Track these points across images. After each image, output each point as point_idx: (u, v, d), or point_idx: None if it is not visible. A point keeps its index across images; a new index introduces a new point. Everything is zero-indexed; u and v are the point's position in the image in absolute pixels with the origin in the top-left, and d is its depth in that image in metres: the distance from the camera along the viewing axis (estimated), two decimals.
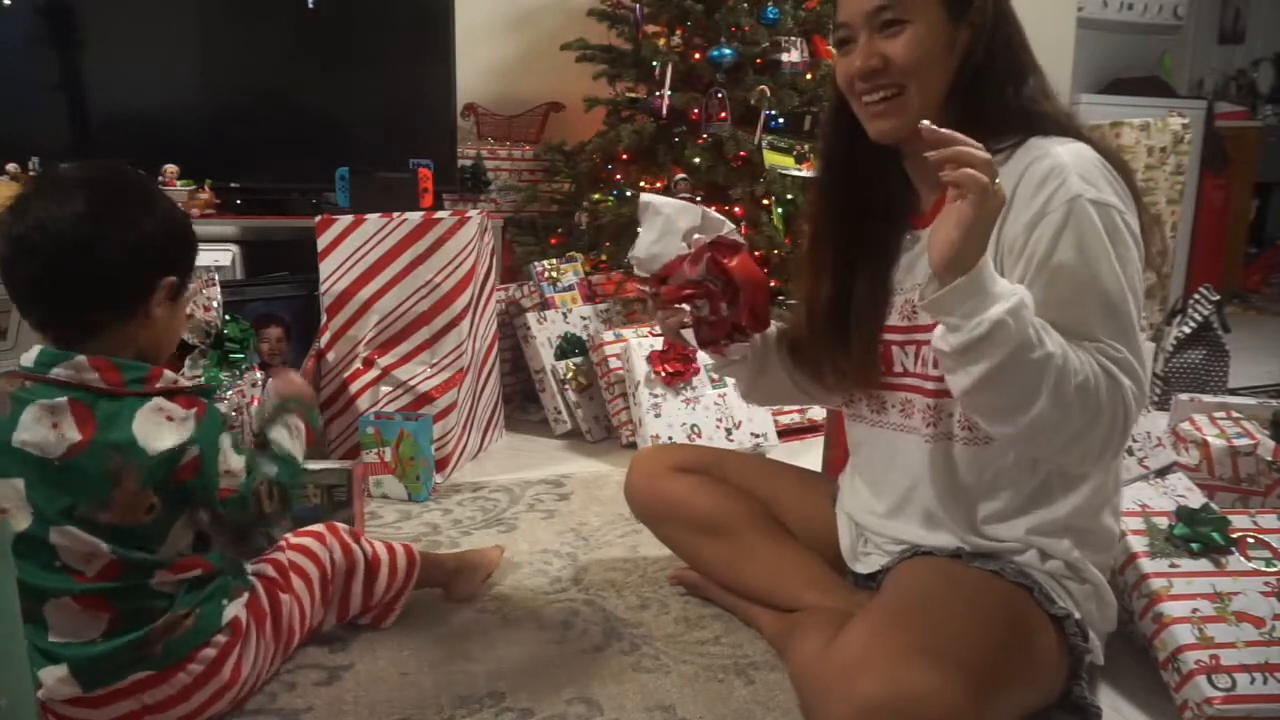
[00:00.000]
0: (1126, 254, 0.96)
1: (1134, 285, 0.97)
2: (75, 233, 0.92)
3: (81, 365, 0.91)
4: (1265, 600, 1.12)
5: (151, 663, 0.96)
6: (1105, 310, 0.95)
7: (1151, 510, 1.24)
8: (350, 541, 1.23)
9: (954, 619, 0.97)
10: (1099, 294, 0.95)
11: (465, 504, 1.81)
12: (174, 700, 0.98)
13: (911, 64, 1.01)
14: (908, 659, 0.90)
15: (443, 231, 1.91)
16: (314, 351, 1.99)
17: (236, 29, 2.54)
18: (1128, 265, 0.96)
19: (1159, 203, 3.19)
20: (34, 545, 0.91)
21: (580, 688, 1.14)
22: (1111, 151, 1.02)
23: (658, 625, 1.30)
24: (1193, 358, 2.62)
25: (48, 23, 2.36)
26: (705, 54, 2.51)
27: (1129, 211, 0.98)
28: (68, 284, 0.93)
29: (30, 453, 0.90)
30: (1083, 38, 4.23)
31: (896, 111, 1.04)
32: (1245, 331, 3.46)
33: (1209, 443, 1.56)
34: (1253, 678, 1.05)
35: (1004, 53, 1.04)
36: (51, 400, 0.90)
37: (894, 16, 1.01)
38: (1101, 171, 0.97)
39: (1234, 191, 4.61)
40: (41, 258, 0.92)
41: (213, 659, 1.00)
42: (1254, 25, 5.06)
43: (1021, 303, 0.89)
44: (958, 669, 0.90)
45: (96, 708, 0.96)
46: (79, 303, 0.94)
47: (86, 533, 0.91)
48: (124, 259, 0.94)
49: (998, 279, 0.90)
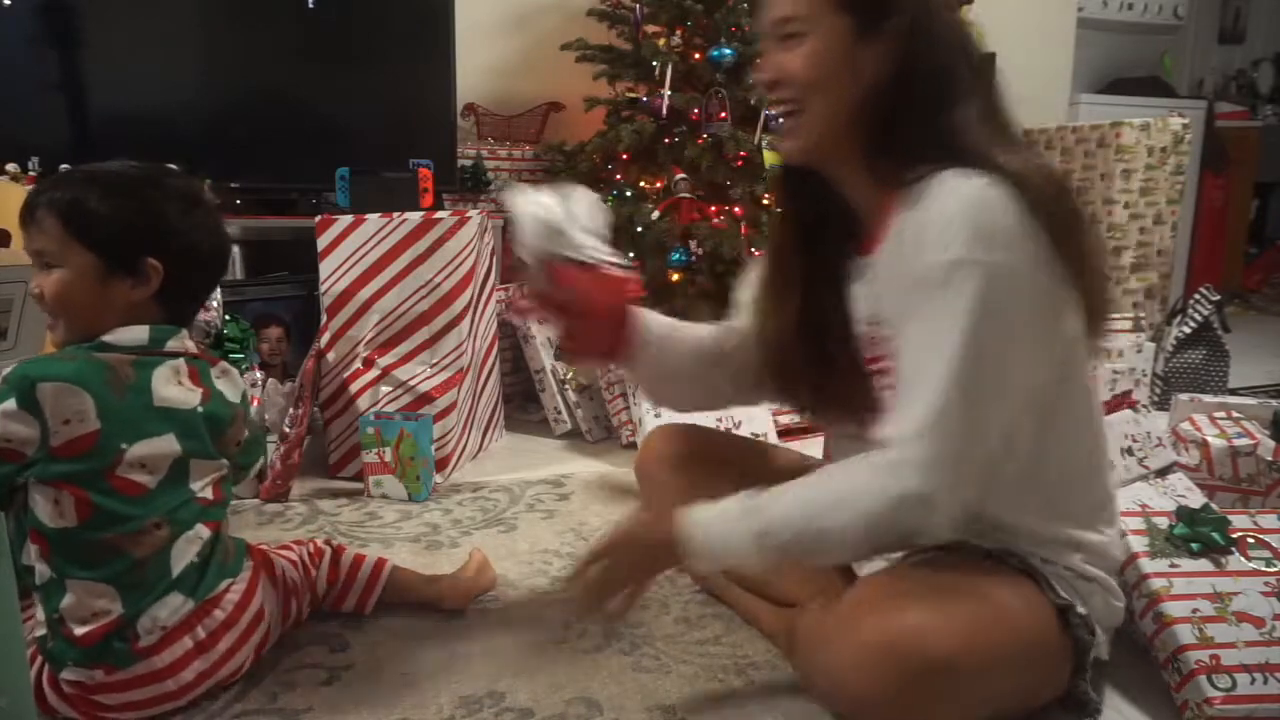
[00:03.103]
0: (999, 322, 0.88)
1: (999, 355, 0.88)
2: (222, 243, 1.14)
3: (184, 337, 1.08)
4: (1265, 600, 1.12)
5: (230, 570, 1.11)
6: (935, 386, 0.88)
7: (1152, 510, 1.24)
8: (319, 543, 1.32)
9: (956, 575, 0.97)
10: (937, 368, 0.88)
11: (465, 504, 1.81)
12: (228, 623, 1.08)
13: (807, 79, 0.95)
14: (907, 603, 0.91)
15: (443, 231, 1.91)
16: (314, 351, 1.98)
17: (237, 29, 2.53)
18: (997, 336, 0.88)
19: (1159, 203, 3.19)
20: (176, 487, 1.05)
21: (580, 688, 1.14)
22: (1044, 188, 0.90)
23: (658, 625, 1.30)
24: (1193, 358, 2.62)
25: (48, 23, 2.36)
26: (705, 54, 2.51)
27: (1029, 266, 0.88)
28: (203, 284, 1.14)
29: (174, 407, 1.04)
30: (1083, 38, 4.23)
31: (797, 131, 0.99)
32: (1245, 331, 3.47)
33: (1209, 443, 1.56)
34: (1253, 678, 1.05)
35: (924, 78, 0.94)
36: (174, 364, 1.06)
37: (794, 30, 0.96)
38: (1002, 222, 0.87)
39: (1234, 191, 4.61)
40: (224, 260, 1.15)
41: (249, 578, 1.14)
42: (1254, 25, 5.06)
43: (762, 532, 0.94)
44: (958, 614, 0.90)
45: (160, 650, 1.03)
46: (198, 297, 1.14)
47: (214, 458, 1.10)
48: (221, 261, 1.15)
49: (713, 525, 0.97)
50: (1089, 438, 1.05)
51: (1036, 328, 0.91)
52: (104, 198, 1.03)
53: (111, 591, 1.00)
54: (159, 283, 1.05)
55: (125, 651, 1.01)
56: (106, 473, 0.99)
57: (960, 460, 0.89)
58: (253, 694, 1.11)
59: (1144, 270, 3.23)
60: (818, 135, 0.97)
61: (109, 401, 0.99)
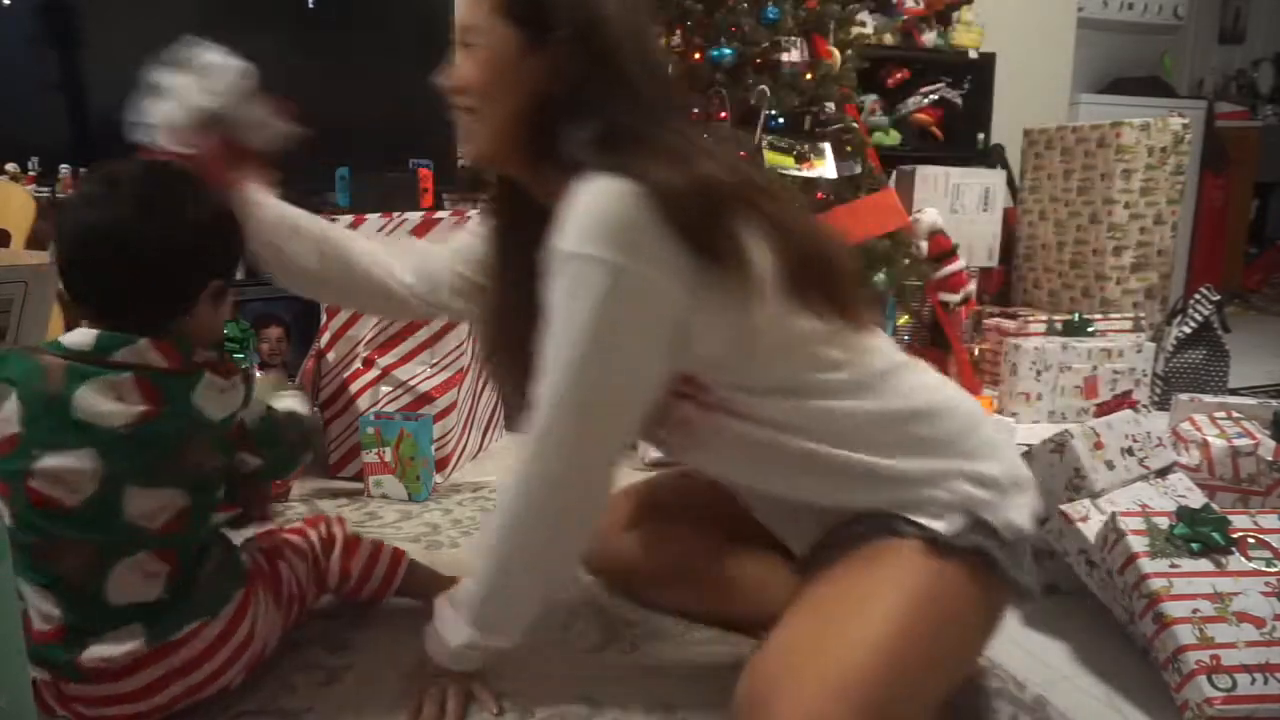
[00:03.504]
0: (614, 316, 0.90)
1: (616, 347, 0.91)
2: (132, 237, 0.98)
3: (145, 349, 0.97)
4: (1266, 600, 1.12)
5: (204, 609, 1.03)
6: (551, 378, 0.93)
7: (1152, 510, 1.24)
8: (334, 527, 1.29)
9: (845, 612, 0.94)
10: (553, 360, 0.93)
11: (465, 504, 1.81)
12: (199, 659, 1.02)
13: (477, 85, 0.99)
14: (808, 679, 0.88)
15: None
16: (314, 351, 1.98)
17: (236, 29, 2.53)
18: (612, 329, 0.90)
19: (1159, 203, 3.19)
20: (102, 511, 0.97)
21: (580, 688, 1.14)
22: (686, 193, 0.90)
23: (658, 625, 1.30)
24: (1193, 358, 2.63)
25: (48, 23, 2.36)
26: (705, 54, 2.51)
27: (636, 262, 0.88)
28: (124, 286, 1.00)
29: (96, 424, 0.95)
30: (1083, 38, 4.23)
31: (471, 135, 1.03)
32: (1245, 331, 3.47)
33: (1209, 443, 1.56)
34: (1253, 678, 1.05)
35: (585, 87, 0.95)
36: (116, 377, 0.96)
37: (471, 39, 1.00)
38: (614, 218, 0.88)
39: (1234, 191, 4.61)
40: (102, 262, 0.99)
41: (232, 614, 1.06)
42: (1254, 25, 5.06)
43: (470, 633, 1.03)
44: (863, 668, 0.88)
45: (126, 676, 0.99)
46: (133, 302, 1.01)
47: (160, 487, 0.99)
48: (177, 263, 1.01)
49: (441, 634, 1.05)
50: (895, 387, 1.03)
51: (657, 323, 0.93)
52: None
53: (52, 598, 0.98)
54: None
55: (72, 667, 0.97)
56: (24, 478, 0.96)
57: (579, 440, 0.95)
58: (252, 695, 1.11)
59: (1144, 270, 3.23)
60: (490, 139, 1.01)
61: (34, 407, 0.95)
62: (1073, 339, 2.49)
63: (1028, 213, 3.53)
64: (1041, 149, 3.46)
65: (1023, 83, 3.89)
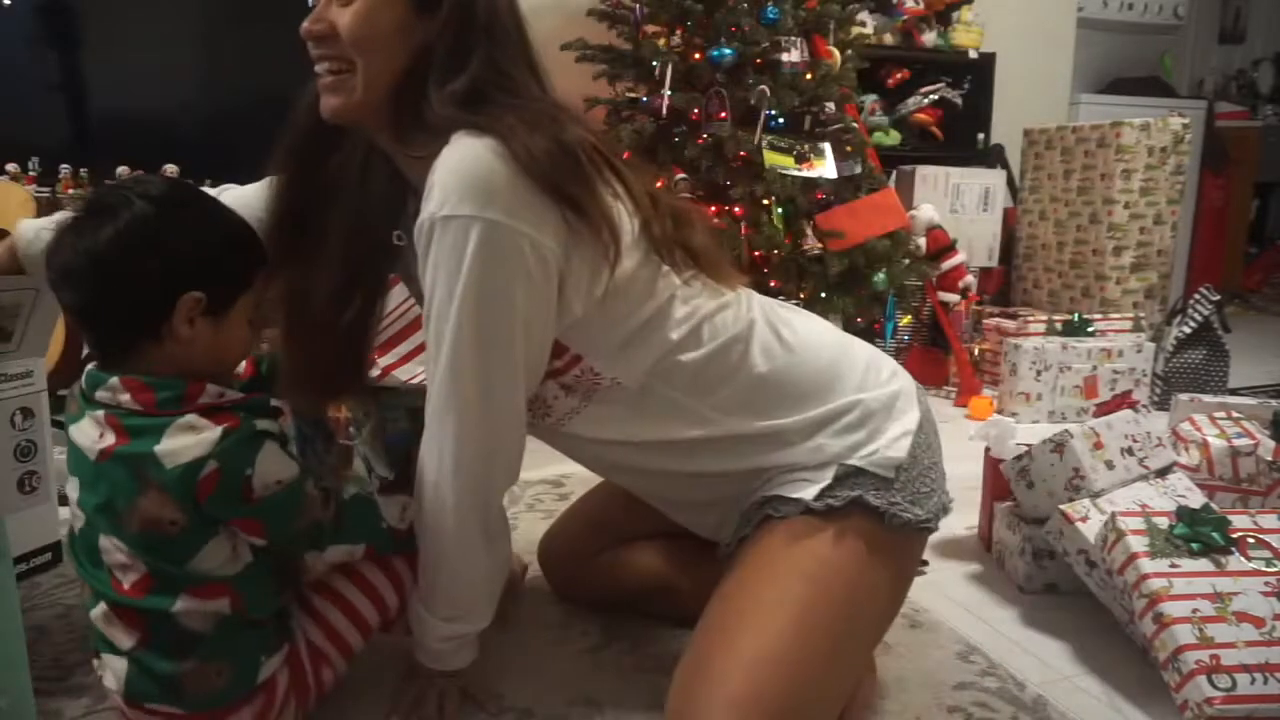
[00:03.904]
0: (495, 274, 0.89)
1: (500, 302, 0.90)
2: (80, 259, 0.91)
3: (115, 388, 0.90)
4: (1265, 600, 1.12)
5: (182, 703, 0.93)
6: (443, 342, 0.91)
7: (1152, 510, 1.24)
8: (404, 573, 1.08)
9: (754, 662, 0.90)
10: (439, 324, 0.91)
11: None
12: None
13: (356, 38, 0.94)
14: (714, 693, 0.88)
15: None
16: None
17: (236, 29, 2.54)
18: (495, 288, 0.89)
19: (1159, 203, 3.20)
20: (88, 545, 0.93)
21: (580, 688, 1.14)
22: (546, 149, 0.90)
23: (658, 625, 1.30)
24: (1193, 358, 2.63)
25: (48, 23, 2.36)
26: (705, 54, 2.51)
27: (508, 217, 0.88)
28: (89, 310, 0.93)
29: (81, 452, 0.92)
30: (1083, 38, 4.24)
31: (342, 90, 0.96)
32: (1245, 331, 3.47)
33: (1209, 443, 1.56)
34: (1253, 678, 1.05)
35: (462, 46, 0.94)
36: (96, 412, 0.91)
37: None
38: (484, 176, 0.88)
39: (1234, 191, 4.62)
40: (68, 286, 0.93)
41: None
42: (1254, 25, 5.07)
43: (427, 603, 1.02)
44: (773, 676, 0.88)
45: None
46: (104, 327, 0.94)
47: (122, 541, 0.90)
48: (126, 281, 0.90)
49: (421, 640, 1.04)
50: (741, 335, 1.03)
51: (540, 274, 0.91)
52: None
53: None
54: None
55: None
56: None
57: (484, 397, 0.93)
58: None
59: (1144, 270, 3.23)
60: (362, 95, 0.96)
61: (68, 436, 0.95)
62: (1073, 339, 2.49)
63: (1028, 213, 3.53)
64: (1041, 149, 3.46)
65: (1023, 83, 3.89)
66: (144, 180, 0.98)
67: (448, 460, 0.95)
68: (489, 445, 0.96)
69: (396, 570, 1.06)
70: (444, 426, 0.95)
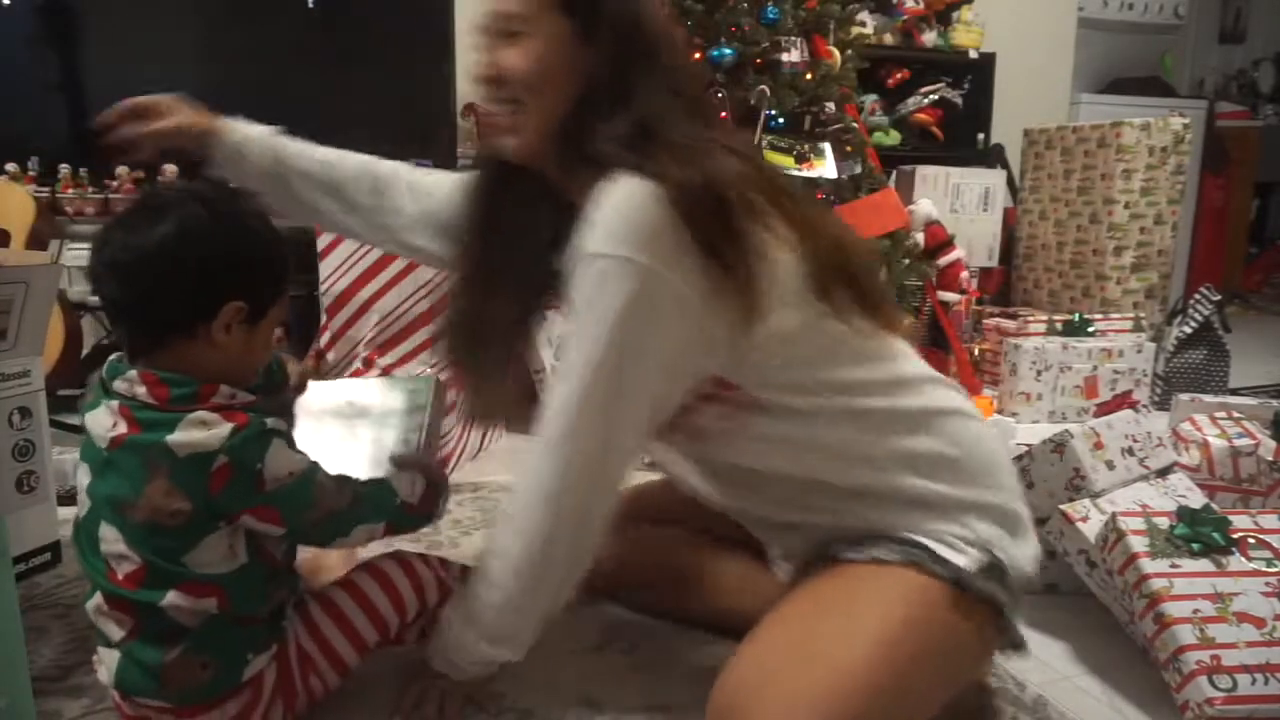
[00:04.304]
0: (635, 317, 0.89)
1: (634, 348, 0.90)
2: (131, 255, 0.92)
3: (133, 379, 0.91)
4: (1266, 601, 1.12)
5: (167, 694, 0.93)
6: (574, 378, 0.91)
7: (1152, 510, 1.24)
8: (429, 585, 1.10)
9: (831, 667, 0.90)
10: (576, 360, 0.91)
11: (465, 504, 1.80)
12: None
13: (527, 77, 0.95)
14: (785, 711, 0.87)
15: None
16: (314, 351, 1.98)
17: (236, 29, 2.53)
18: (633, 330, 0.89)
19: (1159, 203, 3.19)
20: (90, 533, 0.93)
21: (580, 688, 1.14)
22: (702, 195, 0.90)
23: (658, 625, 1.30)
24: (1193, 358, 2.63)
25: (48, 23, 2.36)
26: (705, 54, 2.51)
27: (663, 266, 0.88)
28: (131, 307, 0.94)
29: (93, 439, 0.93)
30: (1083, 38, 4.24)
31: (517, 128, 0.98)
32: (1245, 331, 3.47)
33: (1210, 443, 1.56)
34: (1254, 678, 1.05)
35: (626, 79, 0.95)
36: (111, 402, 0.92)
37: (514, 28, 0.96)
38: (642, 221, 0.88)
39: (1234, 191, 4.62)
40: (112, 278, 0.93)
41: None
42: (1255, 25, 5.07)
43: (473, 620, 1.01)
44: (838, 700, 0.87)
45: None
46: (143, 324, 0.95)
47: (122, 531, 0.91)
48: (174, 282, 0.92)
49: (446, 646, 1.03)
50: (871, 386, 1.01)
51: (680, 326, 0.91)
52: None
53: None
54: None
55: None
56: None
57: (604, 446, 0.93)
58: None
59: (1144, 270, 3.23)
60: (537, 133, 0.98)
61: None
62: (1073, 339, 2.49)
63: (1028, 213, 3.53)
64: (1041, 149, 3.46)
65: (1023, 83, 3.89)
66: (194, 184, 1.00)
67: (552, 489, 0.94)
68: (599, 487, 0.96)
69: (417, 572, 1.09)
70: (555, 459, 0.93)
